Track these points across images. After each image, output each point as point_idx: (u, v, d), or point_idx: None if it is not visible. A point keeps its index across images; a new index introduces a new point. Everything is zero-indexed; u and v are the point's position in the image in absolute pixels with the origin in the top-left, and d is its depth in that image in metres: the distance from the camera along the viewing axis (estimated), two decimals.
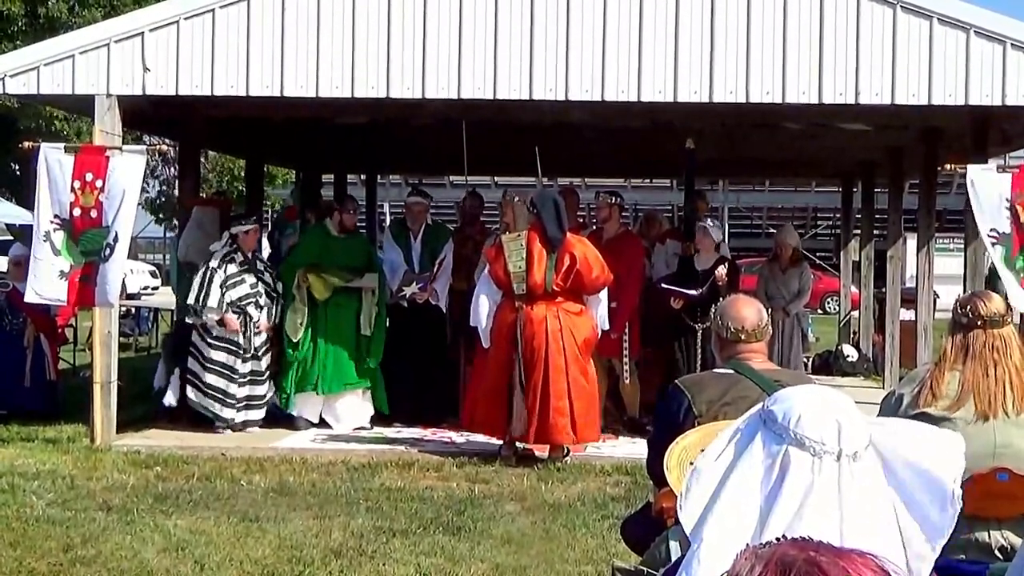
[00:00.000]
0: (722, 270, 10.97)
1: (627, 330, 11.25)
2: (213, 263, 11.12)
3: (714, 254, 11.22)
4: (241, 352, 11.10)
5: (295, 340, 11.20)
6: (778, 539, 1.70)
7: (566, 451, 10.08)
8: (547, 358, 9.77)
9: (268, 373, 11.35)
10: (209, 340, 11.07)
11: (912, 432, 2.31)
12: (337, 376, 11.26)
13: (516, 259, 9.84)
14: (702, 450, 2.41)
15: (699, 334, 10.97)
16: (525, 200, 10.10)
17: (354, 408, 11.42)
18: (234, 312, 11.05)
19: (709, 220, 11.68)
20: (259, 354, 11.24)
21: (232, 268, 11.11)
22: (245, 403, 11.18)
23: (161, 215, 37.81)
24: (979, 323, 4.50)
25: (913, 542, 2.23)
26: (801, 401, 2.28)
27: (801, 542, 1.67)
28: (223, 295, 11.01)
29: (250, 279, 11.19)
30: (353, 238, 11.74)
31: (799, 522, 2.11)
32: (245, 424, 11.24)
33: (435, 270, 11.78)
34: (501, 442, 10.10)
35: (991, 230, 10.03)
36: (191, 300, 11.15)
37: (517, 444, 10.05)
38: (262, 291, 11.25)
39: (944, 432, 2.35)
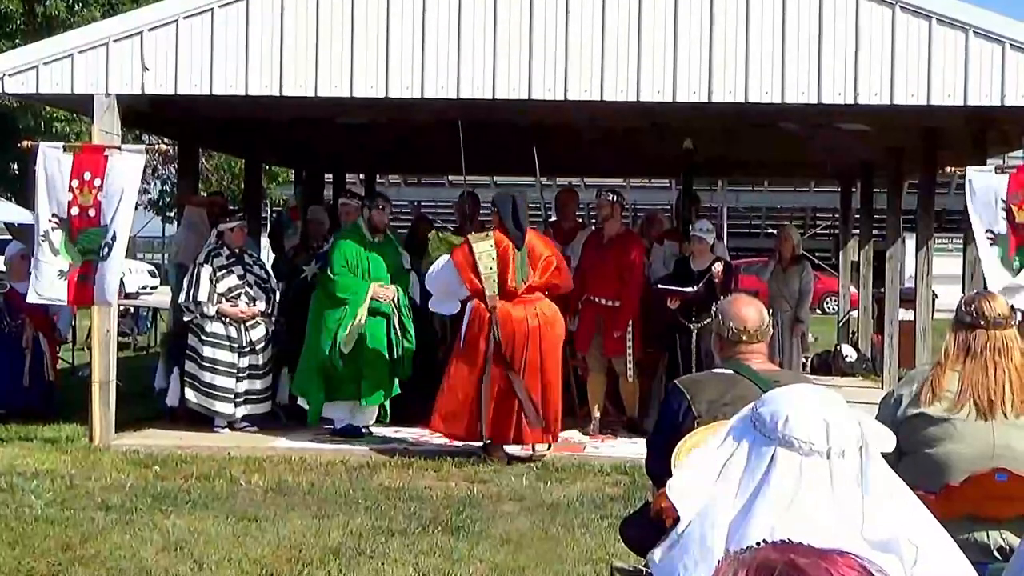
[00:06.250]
0: (718, 267, 10.98)
1: (630, 329, 11.26)
2: (200, 259, 11.19)
3: (710, 256, 11.23)
4: (237, 347, 11.11)
5: (347, 351, 10.68)
6: (759, 543, 1.70)
7: (548, 447, 10.11)
8: (525, 358, 9.79)
9: (268, 368, 11.34)
10: (203, 337, 11.09)
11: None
12: (373, 386, 10.85)
13: (487, 261, 9.85)
14: None
15: (694, 334, 10.97)
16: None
17: (369, 412, 11.27)
18: (226, 302, 11.10)
19: (702, 224, 11.65)
20: (257, 348, 11.24)
21: (219, 261, 11.16)
22: (244, 398, 11.19)
23: (167, 214, 37.81)
24: (982, 323, 4.49)
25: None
26: (788, 402, 2.28)
27: (782, 545, 1.66)
28: (212, 287, 11.04)
29: (238, 271, 11.24)
30: (387, 243, 11.25)
31: (789, 523, 2.11)
32: (245, 418, 11.24)
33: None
34: (481, 443, 10.09)
35: (987, 231, 10.02)
36: (182, 299, 11.25)
37: (503, 446, 10.06)
38: (251, 282, 11.28)
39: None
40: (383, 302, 10.80)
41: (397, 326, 10.87)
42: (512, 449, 10.12)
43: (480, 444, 10.09)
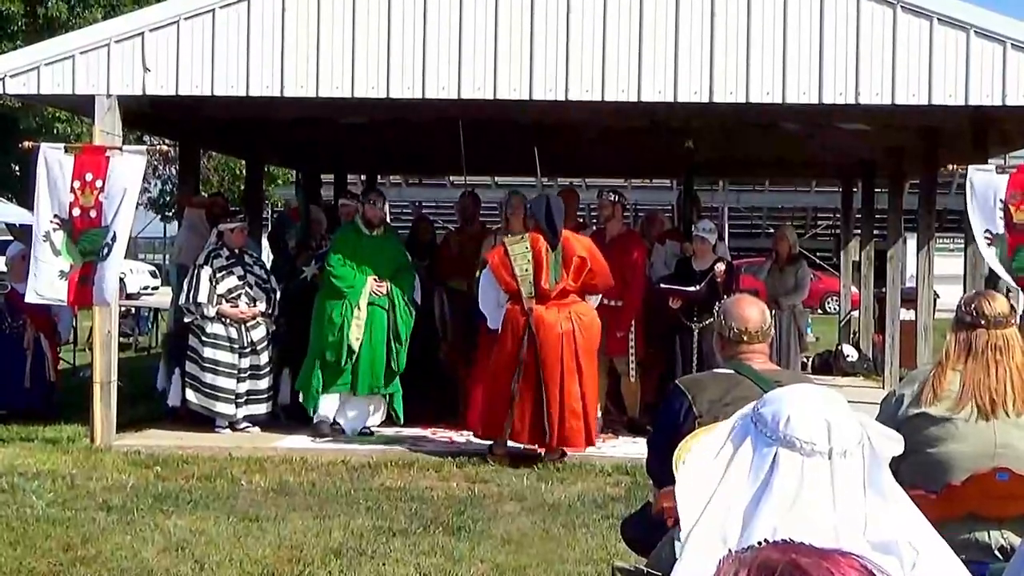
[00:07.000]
0: (721, 267, 10.99)
1: (632, 329, 11.24)
2: (200, 260, 11.19)
3: (711, 256, 11.23)
4: (237, 348, 11.11)
5: (355, 346, 10.79)
6: (760, 543, 1.70)
7: (563, 452, 10.10)
8: (562, 361, 9.77)
9: (269, 368, 11.34)
10: (204, 339, 11.09)
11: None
12: (370, 378, 10.93)
13: (522, 262, 9.84)
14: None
15: (696, 333, 10.97)
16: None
17: (369, 410, 11.28)
18: (227, 303, 11.10)
19: (704, 224, 11.64)
20: (258, 349, 11.23)
21: (219, 262, 11.16)
22: (246, 398, 11.19)
23: (166, 213, 37.85)
24: (983, 322, 4.50)
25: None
26: (790, 402, 2.27)
27: (783, 545, 1.66)
28: (212, 288, 11.04)
29: (238, 271, 11.24)
30: (386, 238, 11.31)
31: (792, 524, 2.11)
32: (247, 419, 11.23)
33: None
34: (491, 441, 10.09)
35: (985, 231, 10.03)
36: (182, 300, 11.24)
37: (509, 443, 10.05)
38: (252, 282, 11.28)
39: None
40: (377, 296, 10.84)
41: (393, 322, 10.90)
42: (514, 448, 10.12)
43: (522, 445, 10.04)
